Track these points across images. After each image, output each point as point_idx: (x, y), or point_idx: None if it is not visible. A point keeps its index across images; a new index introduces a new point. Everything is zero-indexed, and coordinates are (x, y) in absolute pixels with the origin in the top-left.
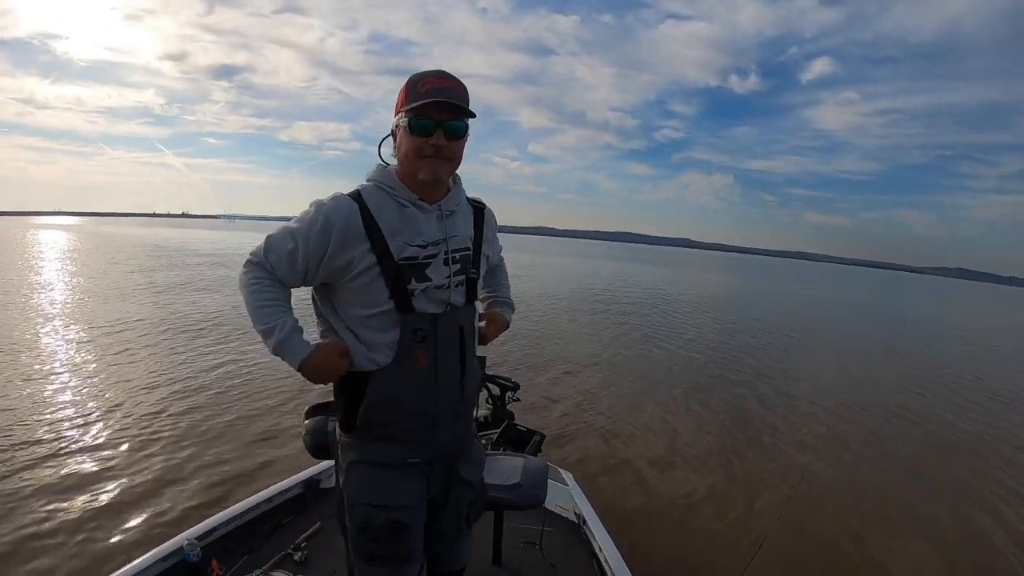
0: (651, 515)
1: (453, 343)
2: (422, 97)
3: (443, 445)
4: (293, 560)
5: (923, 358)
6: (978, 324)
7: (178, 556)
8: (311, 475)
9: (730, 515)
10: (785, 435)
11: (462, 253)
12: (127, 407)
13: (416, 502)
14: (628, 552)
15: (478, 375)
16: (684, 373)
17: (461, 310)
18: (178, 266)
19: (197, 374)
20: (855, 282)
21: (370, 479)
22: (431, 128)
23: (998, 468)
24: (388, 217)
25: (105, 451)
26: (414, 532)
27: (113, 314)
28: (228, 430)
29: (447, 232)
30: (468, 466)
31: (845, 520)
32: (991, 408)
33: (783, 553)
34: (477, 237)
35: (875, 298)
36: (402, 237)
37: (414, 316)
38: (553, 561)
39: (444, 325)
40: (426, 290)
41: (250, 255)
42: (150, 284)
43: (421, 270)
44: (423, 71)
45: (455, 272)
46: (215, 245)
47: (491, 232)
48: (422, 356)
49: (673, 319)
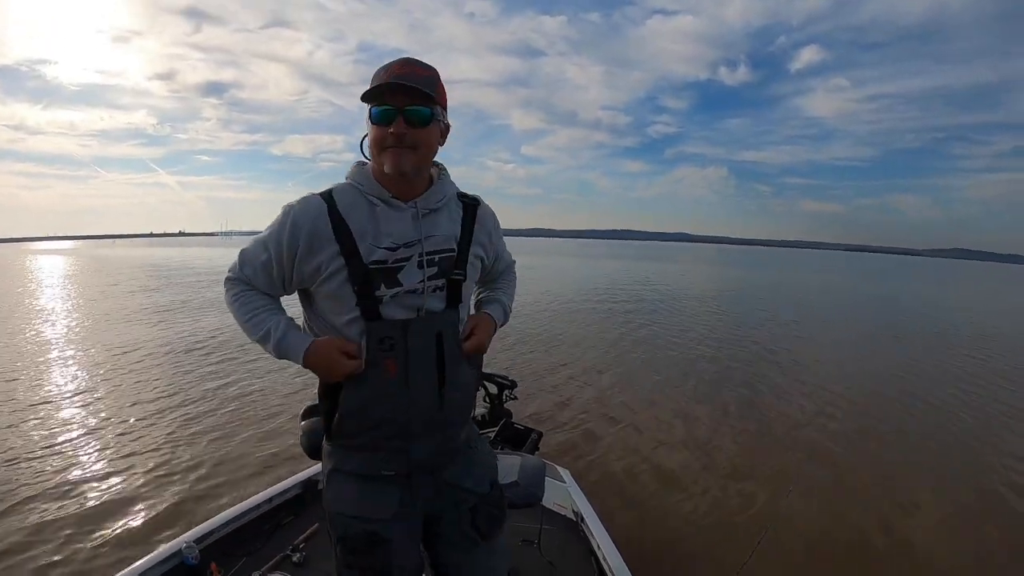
0: (649, 512)
1: (427, 351)
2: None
3: (420, 456)
4: (292, 561)
5: (927, 343)
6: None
7: (177, 559)
8: (309, 476)
9: (729, 511)
10: (785, 429)
11: (442, 255)
12: (140, 423)
13: (393, 515)
14: (626, 550)
15: (464, 381)
16: (683, 370)
17: (440, 315)
18: (178, 284)
19: (215, 395)
20: (853, 267)
21: (346, 490)
22: (391, 116)
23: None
24: (358, 217)
25: (113, 462)
26: (396, 546)
27: (124, 336)
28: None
29: (423, 232)
30: (463, 472)
31: (845, 514)
32: (998, 392)
33: (782, 547)
34: (465, 237)
35: (875, 283)
36: (370, 238)
37: (380, 324)
38: (551, 559)
39: (416, 332)
40: (396, 296)
41: (228, 272)
42: (158, 304)
43: (392, 274)
44: (388, 62)
45: (430, 276)
46: (212, 262)
47: (485, 231)
48: (391, 365)
49: (670, 314)
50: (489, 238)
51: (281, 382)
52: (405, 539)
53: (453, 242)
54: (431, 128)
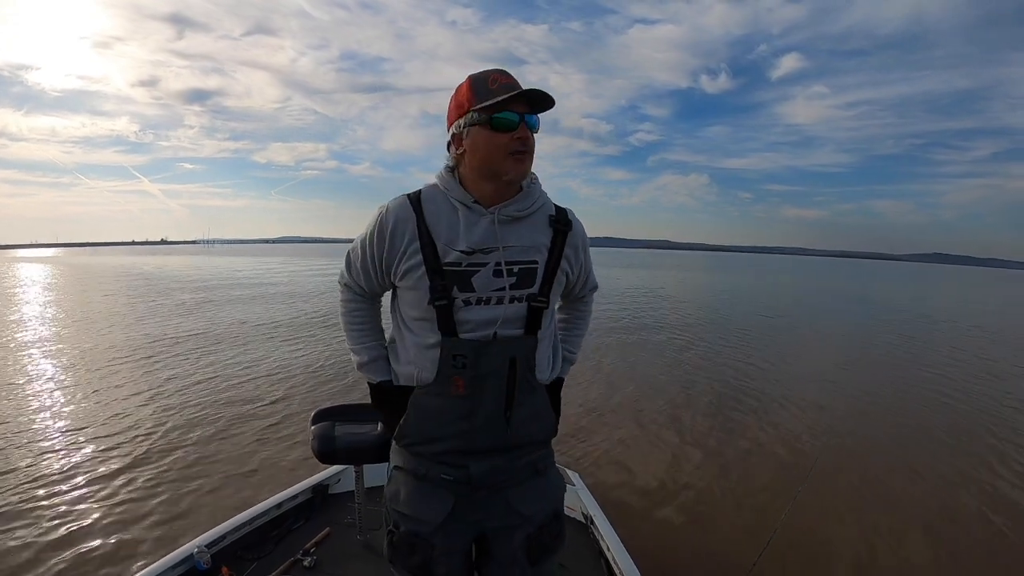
0: (659, 514)
1: (498, 374)
2: (498, 92)
3: (479, 473)
4: (303, 566)
5: (923, 347)
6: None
7: (188, 563)
8: (320, 480)
9: (739, 512)
10: (793, 432)
11: (522, 266)
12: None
13: (442, 521)
14: (637, 552)
15: (535, 407)
16: (690, 374)
17: (516, 341)
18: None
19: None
20: (838, 273)
21: (404, 488)
22: (516, 122)
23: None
24: (438, 218)
25: (115, 465)
26: (440, 552)
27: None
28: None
29: (500, 239)
30: (526, 497)
31: (854, 515)
32: (997, 391)
33: (792, 549)
34: (554, 252)
35: (866, 287)
36: (445, 239)
37: (455, 342)
38: (561, 561)
39: (489, 355)
40: (469, 303)
41: (339, 276)
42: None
43: (466, 279)
44: (480, 72)
45: (511, 285)
46: (201, 271)
47: (572, 247)
48: (460, 382)
49: (671, 319)
50: (576, 254)
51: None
52: (449, 549)
53: (536, 254)
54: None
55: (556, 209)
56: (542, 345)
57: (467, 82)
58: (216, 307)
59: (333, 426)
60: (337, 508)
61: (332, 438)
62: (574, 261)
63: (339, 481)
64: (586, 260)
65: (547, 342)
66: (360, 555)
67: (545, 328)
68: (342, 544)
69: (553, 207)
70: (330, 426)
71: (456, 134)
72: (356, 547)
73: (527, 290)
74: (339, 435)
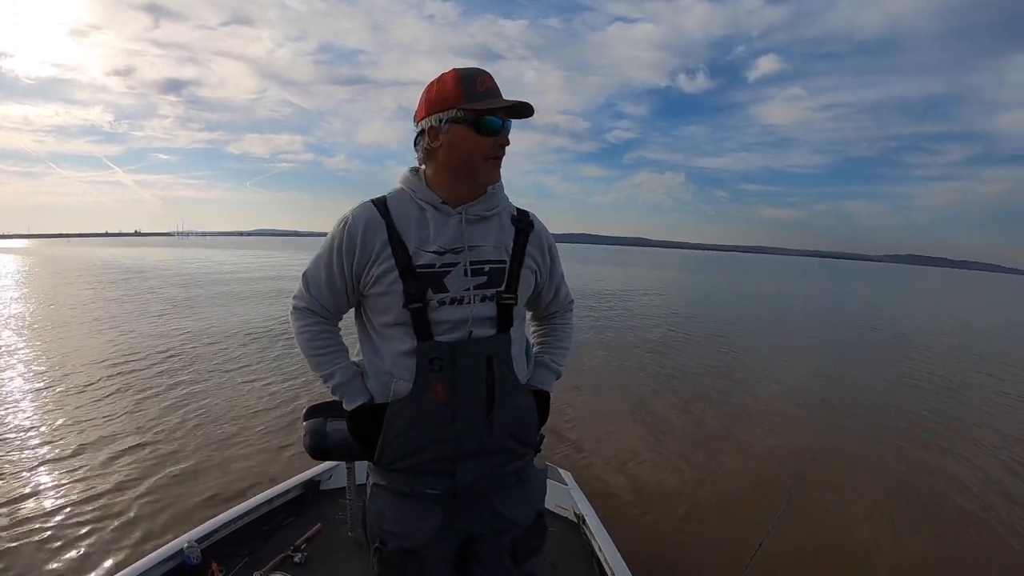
0: (651, 515)
1: (476, 375)
2: (485, 95)
3: (467, 479)
4: (293, 562)
5: (909, 348)
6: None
7: (178, 558)
8: (311, 476)
9: (731, 514)
10: (785, 434)
11: (492, 265)
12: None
13: (432, 534)
14: (628, 552)
15: (518, 408)
16: (681, 376)
17: (490, 340)
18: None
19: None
20: (815, 274)
21: (389, 506)
22: (499, 128)
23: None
24: (408, 221)
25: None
26: (431, 564)
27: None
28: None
29: (468, 239)
30: (512, 502)
31: (845, 518)
32: (991, 394)
33: (784, 551)
34: (517, 250)
35: (848, 288)
36: (416, 242)
37: (431, 345)
38: (553, 561)
39: (465, 355)
40: (443, 303)
41: (293, 300)
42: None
43: (439, 279)
44: (466, 69)
45: (477, 285)
46: (182, 263)
47: (537, 246)
48: (439, 387)
49: (662, 321)
50: (541, 253)
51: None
52: (441, 560)
53: (504, 254)
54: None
55: (517, 210)
56: (516, 344)
57: (454, 77)
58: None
59: (325, 422)
60: (328, 504)
61: (324, 434)
62: (541, 261)
63: (331, 477)
64: (554, 264)
65: (520, 342)
66: (351, 551)
67: (516, 327)
68: (333, 540)
69: (514, 208)
70: (322, 422)
71: (434, 127)
72: (347, 543)
73: (496, 288)
74: (331, 431)
